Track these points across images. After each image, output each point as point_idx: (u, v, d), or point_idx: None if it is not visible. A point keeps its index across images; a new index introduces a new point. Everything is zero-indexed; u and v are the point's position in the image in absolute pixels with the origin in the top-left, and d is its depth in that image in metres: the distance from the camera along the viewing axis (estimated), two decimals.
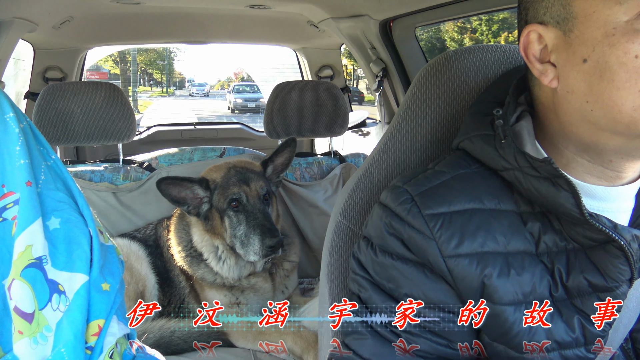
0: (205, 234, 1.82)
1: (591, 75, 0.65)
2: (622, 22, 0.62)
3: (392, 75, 2.46)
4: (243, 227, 1.74)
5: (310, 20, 2.59)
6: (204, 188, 1.80)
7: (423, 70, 0.99)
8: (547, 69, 0.70)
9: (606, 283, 0.72)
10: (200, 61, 44.19)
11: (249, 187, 1.78)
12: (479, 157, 0.79)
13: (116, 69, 28.41)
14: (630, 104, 0.63)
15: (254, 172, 1.84)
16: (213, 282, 1.81)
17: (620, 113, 0.64)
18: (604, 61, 0.64)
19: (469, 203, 0.76)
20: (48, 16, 2.28)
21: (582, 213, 0.69)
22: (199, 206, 1.81)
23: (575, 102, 0.69)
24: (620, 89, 0.63)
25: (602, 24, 0.63)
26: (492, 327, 0.75)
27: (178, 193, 1.77)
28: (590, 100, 0.66)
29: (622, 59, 0.62)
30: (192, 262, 1.83)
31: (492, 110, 0.77)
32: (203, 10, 2.62)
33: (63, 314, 0.86)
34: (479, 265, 0.73)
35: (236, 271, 1.81)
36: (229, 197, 1.76)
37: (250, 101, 22.79)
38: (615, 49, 0.62)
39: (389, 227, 0.79)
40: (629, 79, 0.62)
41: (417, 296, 0.76)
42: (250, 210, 1.75)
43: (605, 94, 0.64)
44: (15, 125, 0.89)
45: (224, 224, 1.77)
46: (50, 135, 1.96)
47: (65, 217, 0.91)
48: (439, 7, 1.92)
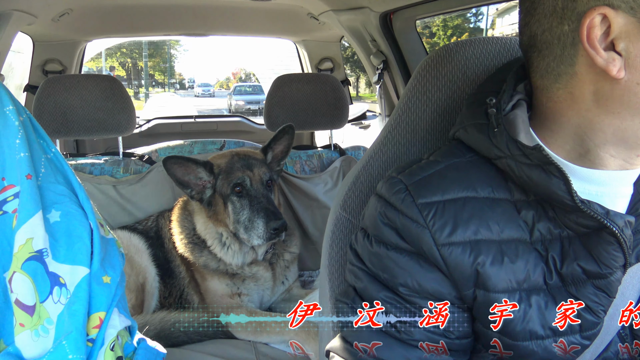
0: (209, 221, 1.84)
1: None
2: None
3: (392, 68, 2.45)
4: (247, 211, 1.76)
5: (311, 12, 2.58)
6: (208, 171, 1.82)
7: (423, 63, 0.98)
8: (614, 58, 0.65)
9: (600, 270, 0.73)
10: (200, 61, 44.36)
11: (252, 173, 1.80)
12: (473, 146, 0.79)
13: (121, 70, 29.02)
14: None
15: (257, 159, 1.86)
16: (216, 269, 1.82)
17: None
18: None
19: (462, 191, 0.76)
20: (47, 8, 2.27)
21: (573, 200, 0.69)
22: (202, 191, 1.83)
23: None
24: None
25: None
26: (486, 315, 0.75)
27: (182, 175, 1.79)
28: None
29: None
30: (194, 249, 1.85)
31: (488, 99, 0.77)
32: (203, 2, 2.61)
33: (64, 306, 0.87)
34: (472, 253, 0.74)
35: (240, 257, 1.83)
36: (232, 182, 1.78)
37: (253, 103, 21.39)
38: None
39: (383, 217, 0.79)
40: None
41: (411, 286, 0.76)
42: (253, 195, 1.77)
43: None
44: (15, 118, 0.89)
45: (227, 210, 1.79)
46: (50, 128, 1.96)
47: (65, 210, 0.92)
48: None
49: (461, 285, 0.75)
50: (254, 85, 25.05)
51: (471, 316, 0.78)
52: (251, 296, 1.84)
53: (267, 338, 1.70)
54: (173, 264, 1.89)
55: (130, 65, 29.29)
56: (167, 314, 1.67)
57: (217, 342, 1.66)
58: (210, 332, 1.67)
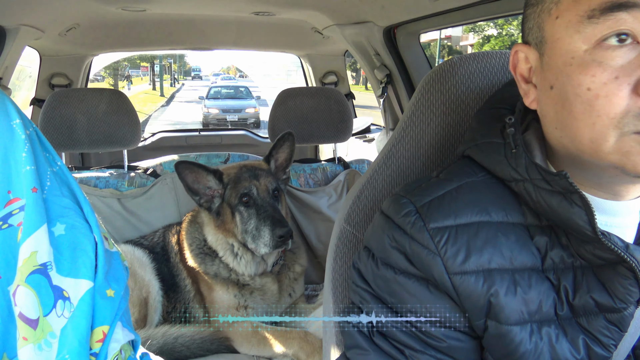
0: (218, 232, 1.86)
1: (556, 103, 0.65)
2: (581, 51, 0.61)
3: (396, 82, 2.46)
4: (254, 220, 1.78)
5: (315, 26, 2.60)
6: (217, 179, 1.85)
7: (427, 77, 0.99)
8: (530, 89, 0.70)
9: (614, 304, 0.70)
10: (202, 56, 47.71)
11: (259, 182, 1.83)
12: (487, 166, 0.76)
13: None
14: (588, 135, 0.62)
15: (263, 170, 1.90)
16: (227, 278, 1.84)
17: (581, 144, 0.63)
18: (564, 91, 0.63)
19: (475, 215, 0.73)
20: (54, 23, 2.30)
21: (594, 231, 0.66)
22: (211, 200, 1.86)
23: (548, 126, 0.68)
24: (578, 120, 0.62)
25: (564, 52, 0.63)
26: (497, 347, 0.73)
27: (192, 183, 1.83)
28: (558, 127, 0.66)
29: (577, 90, 0.61)
30: (205, 259, 1.87)
31: (501, 116, 0.75)
32: (207, 17, 2.63)
33: (67, 320, 0.86)
34: (485, 282, 0.71)
35: (253, 267, 1.85)
36: (240, 192, 1.81)
37: (232, 112, 15.49)
38: (571, 80, 0.62)
39: (391, 240, 0.76)
40: (583, 111, 0.61)
41: (420, 312, 0.74)
42: (260, 204, 1.79)
43: (567, 123, 0.64)
44: (21, 132, 0.90)
45: (234, 220, 1.81)
46: (56, 142, 1.97)
47: (70, 223, 0.92)
48: (443, 13, 1.92)
49: (472, 315, 0.73)
50: (236, 86, 19.58)
51: (480, 344, 0.76)
52: (257, 310, 1.84)
53: (271, 352, 1.68)
54: (178, 277, 1.89)
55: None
56: (170, 328, 1.66)
57: (220, 356, 1.65)
58: (213, 347, 1.66)
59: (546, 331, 0.71)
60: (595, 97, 0.60)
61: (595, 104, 0.60)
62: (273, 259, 1.88)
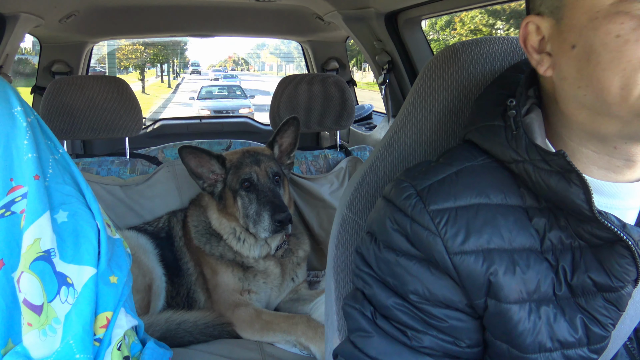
0: (222, 216, 1.88)
1: (579, 60, 0.66)
2: (606, 5, 0.63)
3: (398, 68, 2.45)
4: (254, 205, 1.80)
5: (316, 12, 2.58)
6: (220, 164, 1.87)
7: (429, 63, 0.98)
8: (544, 58, 0.71)
9: (611, 283, 0.71)
10: (201, 47, 47.93)
11: (259, 168, 1.85)
12: (487, 149, 0.78)
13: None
14: (618, 83, 0.63)
15: (265, 155, 1.91)
16: (232, 260, 1.86)
17: (609, 94, 0.64)
18: (589, 45, 0.64)
19: (474, 198, 0.74)
20: (54, 10, 2.29)
21: (591, 210, 0.68)
22: (214, 185, 1.88)
23: (569, 88, 0.69)
24: (605, 70, 0.64)
25: (587, 9, 0.64)
26: (497, 326, 0.74)
27: (196, 167, 1.86)
28: (582, 85, 0.67)
29: (605, 39, 0.63)
30: (211, 240, 1.89)
31: (502, 100, 0.76)
32: (209, 3, 2.62)
33: (71, 306, 0.87)
34: (485, 262, 0.72)
35: (257, 250, 1.87)
36: (241, 177, 1.82)
37: (224, 113, 13.65)
38: (598, 31, 0.63)
39: (393, 223, 0.77)
40: (612, 59, 0.63)
41: (422, 293, 0.75)
42: (260, 189, 1.81)
43: (594, 77, 0.65)
44: (23, 119, 0.90)
45: (236, 204, 1.83)
46: (58, 129, 1.97)
47: (73, 211, 0.92)
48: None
49: (472, 295, 0.74)
50: (228, 85, 18.35)
51: (481, 324, 0.77)
52: (259, 295, 1.85)
53: (273, 337, 1.70)
54: (182, 261, 1.91)
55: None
56: (173, 314, 1.67)
57: (223, 342, 1.66)
58: (216, 333, 1.68)
59: (544, 310, 0.73)
60: (624, 42, 0.62)
61: (625, 50, 0.62)
62: (276, 242, 1.90)
